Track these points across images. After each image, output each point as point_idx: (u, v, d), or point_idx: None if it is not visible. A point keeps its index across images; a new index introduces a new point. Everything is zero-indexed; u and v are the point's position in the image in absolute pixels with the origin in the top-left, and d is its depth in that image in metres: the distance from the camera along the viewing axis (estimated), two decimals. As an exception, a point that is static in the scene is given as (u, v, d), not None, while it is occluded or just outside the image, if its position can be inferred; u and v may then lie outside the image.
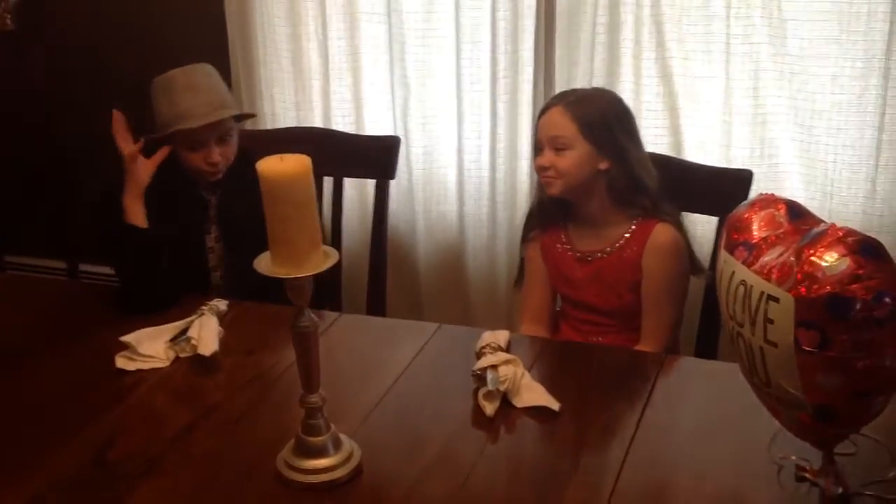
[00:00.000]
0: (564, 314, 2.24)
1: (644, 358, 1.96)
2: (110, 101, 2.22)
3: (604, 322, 2.16)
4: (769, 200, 1.46)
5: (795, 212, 1.42)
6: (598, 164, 2.06)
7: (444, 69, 2.94)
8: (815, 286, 1.24)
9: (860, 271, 1.23)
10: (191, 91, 2.18)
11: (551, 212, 2.17)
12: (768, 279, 1.31)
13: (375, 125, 3.05)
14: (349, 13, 2.98)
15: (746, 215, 1.44)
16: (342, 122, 3.04)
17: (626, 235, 2.10)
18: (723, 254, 1.45)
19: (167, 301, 2.07)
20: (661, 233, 2.08)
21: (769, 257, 1.35)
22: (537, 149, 2.13)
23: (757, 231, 1.41)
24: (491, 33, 2.79)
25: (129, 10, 3.33)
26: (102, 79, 3.33)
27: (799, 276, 1.26)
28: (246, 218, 2.17)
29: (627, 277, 2.10)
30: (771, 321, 1.30)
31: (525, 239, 2.24)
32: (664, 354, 2.01)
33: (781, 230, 1.40)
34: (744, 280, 1.37)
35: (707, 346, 2.25)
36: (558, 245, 2.18)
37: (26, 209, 3.61)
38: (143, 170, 2.15)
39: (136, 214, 2.12)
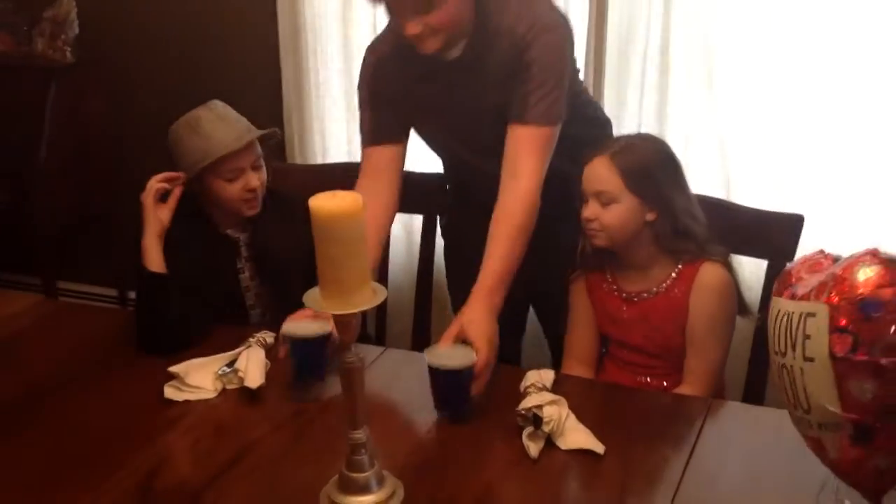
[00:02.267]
0: (610, 354, 2.22)
1: (690, 402, 1.94)
2: (166, 131, 2.26)
3: (650, 363, 2.14)
4: (812, 257, 1.51)
5: (839, 259, 1.46)
6: (645, 215, 2.04)
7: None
8: (849, 292, 1.32)
9: (890, 277, 1.31)
10: (220, 121, 2.20)
11: (595, 257, 2.15)
12: (807, 300, 1.38)
13: (423, 162, 3.06)
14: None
15: (794, 267, 1.50)
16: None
17: (673, 275, 2.09)
18: (774, 300, 1.48)
19: (176, 346, 2.03)
20: (709, 272, 2.06)
21: (809, 285, 1.40)
22: (582, 199, 2.10)
23: (801, 274, 1.46)
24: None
25: (185, 42, 3.40)
26: (159, 110, 3.39)
27: (834, 287, 1.33)
28: (281, 253, 2.22)
29: (675, 318, 2.08)
30: (808, 337, 1.35)
31: (570, 279, 2.23)
32: (710, 398, 1.99)
33: (822, 266, 1.46)
34: (788, 312, 1.41)
35: (754, 392, 2.23)
36: (604, 285, 2.17)
37: (80, 236, 3.67)
38: (161, 211, 2.14)
39: (152, 257, 2.11)
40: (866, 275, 1.32)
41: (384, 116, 2.22)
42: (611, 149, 2.06)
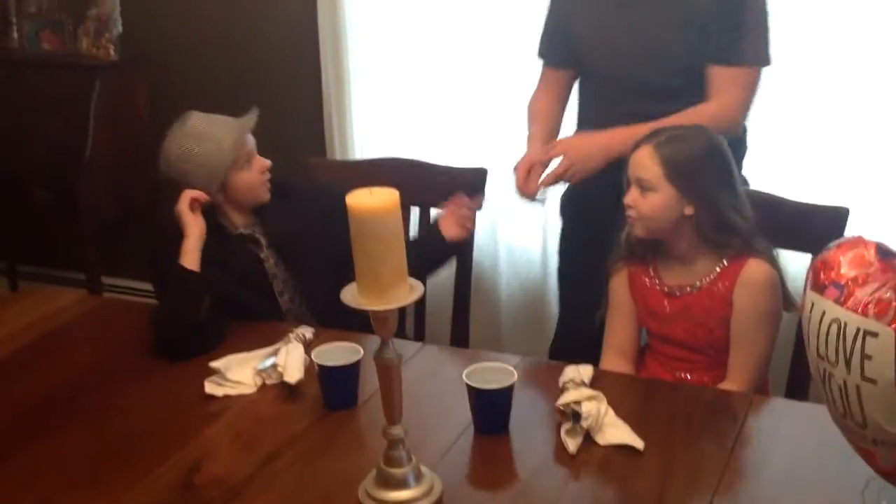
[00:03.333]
0: (651, 348, 2.20)
1: (732, 397, 1.92)
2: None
3: (692, 358, 2.12)
4: (856, 242, 1.45)
5: (885, 251, 1.41)
6: (683, 208, 2.02)
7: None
8: None
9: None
10: (214, 121, 2.25)
11: (638, 247, 2.14)
12: (865, 315, 1.30)
13: (463, 157, 3.07)
14: (438, 48, 3.01)
15: (833, 256, 1.43)
16: (433, 155, 3.07)
17: (717, 270, 2.06)
18: (810, 294, 1.43)
19: (196, 350, 2.04)
20: (754, 268, 2.03)
21: (863, 294, 1.33)
22: (627, 184, 2.10)
23: (846, 270, 1.39)
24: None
25: (227, 40, 3.42)
26: (201, 109, 3.42)
27: None
28: (297, 235, 2.26)
29: (718, 313, 2.06)
30: (869, 357, 1.28)
31: (611, 270, 2.21)
32: (752, 394, 1.97)
33: (872, 269, 1.38)
34: (836, 318, 1.34)
35: (798, 387, 2.20)
36: (646, 278, 2.14)
37: (124, 232, 3.71)
38: (200, 218, 2.18)
39: (194, 258, 2.14)
40: None
41: (558, 35, 2.39)
42: (658, 137, 2.05)
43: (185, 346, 2.05)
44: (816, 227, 2.15)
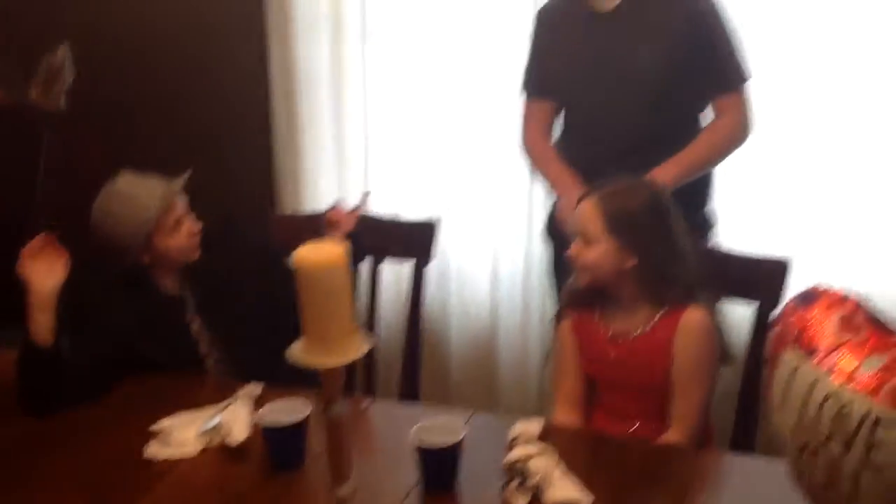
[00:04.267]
0: (599, 398, 2.21)
1: (680, 452, 1.92)
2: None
3: (637, 407, 2.13)
4: (834, 298, 1.39)
5: (871, 313, 1.35)
6: (625, 261, 2.05)
7: (481, 159, 2.98)
8: None
9: None
10: (142, 183, 2.25)
11: (584, 294, 2.16)
12: (875, 395, 1.24)
13: (413, 208, 3.08)
14: (390, 98, 3.04)
15: (812, 313, 1.37)
16: (381, 206, 3.07)
17: (657, 318, 2.09)
18: (792, 355, 1.37)
19: (63, 408, 2.04)
20: (693, 316, 2.06)
21: (866, 369, 1.28)
22: (573, 235, 2.13)
23: (836, 335, 1.34)
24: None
25: (179, 94, 3.41)
26: (151, 160, 3.40)
27: None
28: (228, 296, 2.26)
29: (659, 360, 2.08)
30: (877, 445, 1.24)
31: (559, 317, 2.23)
32: (699, 447, 1.97)
33: (863, 335, 1.32)
34: (835, 394, 1.28)
35: (744, 439, 2.21)
36: (590, 325, 2.17)
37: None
38: (43, 276, 2.08)
39: (39, 329, 2.06)
40: None
41: (539, 69, 2.52)
42: (601, 191, 2.09)
43: (54, 406, 2.04)
44: (759, 278, 2.19)
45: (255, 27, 3.18)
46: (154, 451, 1.88)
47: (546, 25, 2.53)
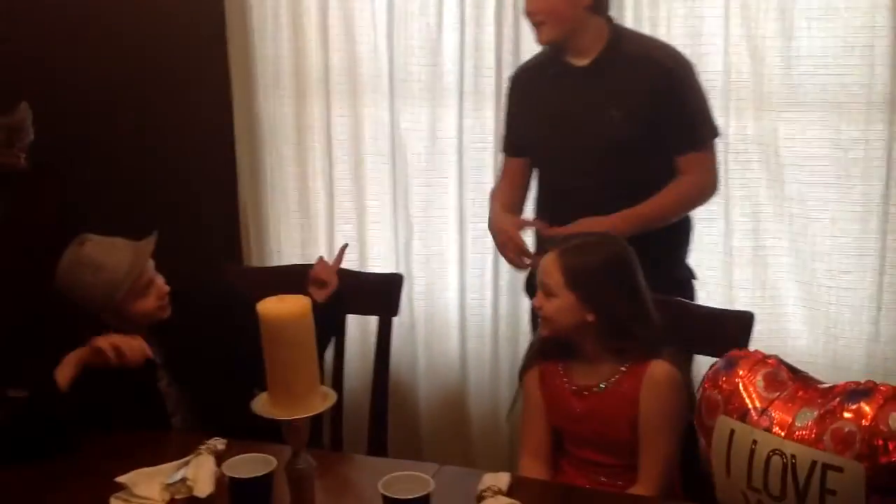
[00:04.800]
0: (566, 452, 2.21)
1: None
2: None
3: (605, 461, 2.13)
4: (754, 358, 1.45)
5: (791, 368, 1.40)
6: (584, 314, 2.07)
7: (446, 208, 3.00)
8: (893, 452, 1.22)
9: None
10: (111, 248, 2.22)
11: (549, 346, 2.17)
12: (818, 445, 1.27)
13: (378, 263, 3.08)
14: (354, 154, 3.06)
15: (738, 376, 1.42)
16: (346, 260, 3.07)
17: (623, 370, 2.09)
18: (725, 421, 1.40)
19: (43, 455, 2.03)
20: (657, 369, 2.07)
21: (802, 421, 1.31)
22: (536, 288, 2.15)
23: (764, 393, 1.39)
24: (493, 174, 2.84)
25: (141, 147, 3.41)
26: (111, 217, 3.38)
27: (864, 442, 1.23)
28: (195, 353, 2.24)
29: (624, 413, 2.08)
30: (832, 492, 1.26)
31: (524, 368, 2.24)
32: (665, 500, 1.97)
33: (790, 388, 1.37)
34: (777, 450, 1.32)
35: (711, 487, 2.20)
36: (556, 378, 2.17)
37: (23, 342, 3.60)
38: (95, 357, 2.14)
39: (66, 375, 2.11)
40: None
41: (512, 130, 2.60)
42: (564, 244, 2.12)
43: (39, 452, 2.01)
44: (723, 331, 2.20)
45: (219, 83, 3.19)
46: (118, 504, 1.84)
47: (519, 86, 2.58)
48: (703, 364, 2.43)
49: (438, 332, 3.06)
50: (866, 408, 1.25)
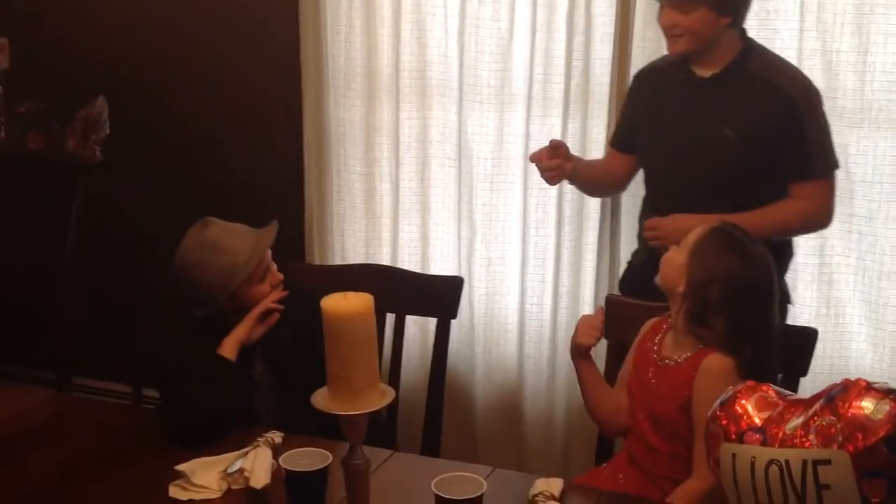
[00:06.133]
0: (626, 450, 2.19)
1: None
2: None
3: (654, 445, 2.11)
4: (748, 387, 1.53)
5: (781, 391, 1.48)
6: (680, 281, 2.07)
7: (510, 213, 3.00)
8: (869, 434, 1.26)
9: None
10: (233, 232, 2.26)
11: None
12: (806, 446, 1.32)
13: (440, 265, 3.10)
14: (421, 157, 3.08)
15: (735, 406, 1.49)
16: (408, 261, 3.10)
17: (689, 353, 2.09)
18: (727, 448, 1.46)
19: (214, 437, 2.05)
20: (714, 359, 2.05)
21: (792, 428, 1.37)
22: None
23: (755, 414, 1.45)
24: (558, 181, 2.84)
25: (211, 143, 3.47)
26: (183, 212, 3.45)
27: (845, 431, 1.28)
28: (290, 345, 2.25)
29: (678, 392, 2.07)
30: (826, 486, 1.29)
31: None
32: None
33: (780, 407, 1.43)
34: (773, 459, 1.36)
35: None
36: (649, 342, 2.19)
37: (98, 332, 3.69)
38: (256, 329, 2.24)
39: (231, 353, 2.19)
40: (880, 412, 1.27)
41: (627, 128, 2.61)
42: (729, 226, 2.12)
43: (210, 432, 2.04)
44: (787, 348, 2.16)
45: (290, 83, 3.24)
46: (177, 492, 1.88)
47: (641, 85, 2.59)
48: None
49: (497, 335, 3.07)
50: (842, 401, 1.30)
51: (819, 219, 2.43)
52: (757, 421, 1.41)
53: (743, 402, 1.45)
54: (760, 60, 2.39)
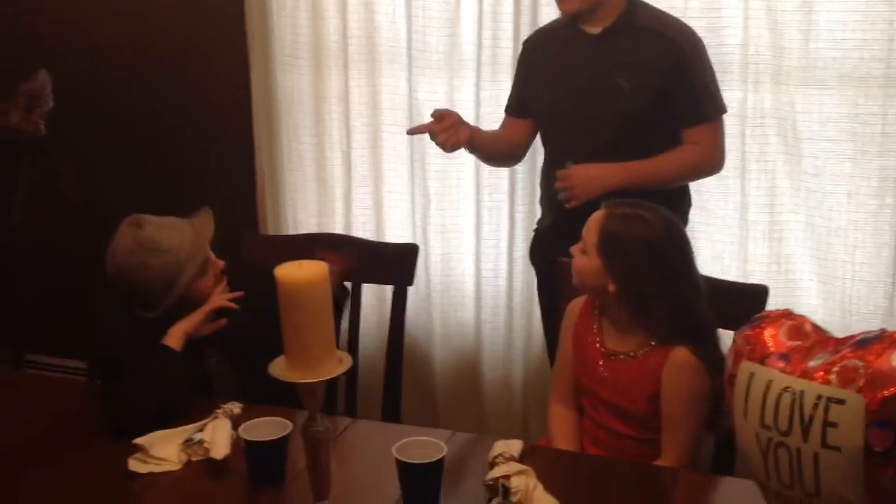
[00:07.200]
0: (583, 412, 2.21)
1: (660, 473, 1.93)
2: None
3: (620, 430, 2.13)
4: (784, 315, 1.50)
5: (816, 325, 1.46)
6: (607, 282, 2.04)
7: (463, 179, 3.00)
8: (890, 385, 1.26)
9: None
10: (169, 229, 2.16)
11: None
12: (825, 383, 1.32)
13: (395, 232, 3.10)
14: (372, 124, 3.07)
15: (763, 329, 1.47)
16: (362, 229, 3.09)
17: (652, 344, 2.08)
18: (747, 365, 1.45)
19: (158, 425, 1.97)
20: (679, 356, 2.05)
21: (815, 363, 1.36)
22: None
23: (786, 340, 1.43)
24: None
25: (158, 116, 3.43)
26: (130, 185, 3.41)
27: (868, 377, 1.28)
28: (242, 329, 2.19)
29: (646, 387, 2.08)
30: (833, 424, 1.31)
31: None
32: (680, 469, 1.98)
33: (812, 340, 1.42)
34: (788, 387, 1.37)
35: (724, 461, 2.22)
36: (588, 335, 2.17)
37: (49, 308, 3.65)
38: (206, 327, 2.18)
39: (176, 342, 2.11)
40: None
41: (521, 94, 2.62)
42: (617, 207, 2.08)
43: (155, 421, 1.95)
44: (737, 305, 2.19)
45: (237, 53, 3.20)
46: (136, 465, 1.87)
47: (531, 50, 2.61)
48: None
49: (453, 301, 3.08)
50: (873, 348, 1.31)
51: (712, 161, 2.49)
52: (783, 348, 1.41)
53: (775, 327, 1.45)
54: (646, 13, 2.46)
